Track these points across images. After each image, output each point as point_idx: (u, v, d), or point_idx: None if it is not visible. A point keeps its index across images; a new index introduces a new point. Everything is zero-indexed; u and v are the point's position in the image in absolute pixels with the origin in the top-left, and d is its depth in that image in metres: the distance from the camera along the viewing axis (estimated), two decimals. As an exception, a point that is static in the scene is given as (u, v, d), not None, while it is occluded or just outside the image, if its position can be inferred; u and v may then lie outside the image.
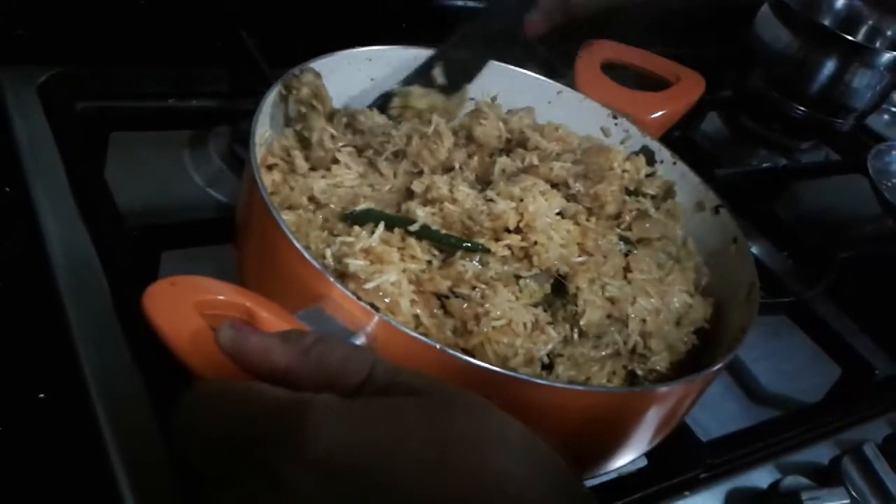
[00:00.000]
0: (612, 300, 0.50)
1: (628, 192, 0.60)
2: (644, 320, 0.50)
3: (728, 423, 0.68)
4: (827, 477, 0.64)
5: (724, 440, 0.65)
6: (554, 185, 0.56)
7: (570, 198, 0.56)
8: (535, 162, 0.58)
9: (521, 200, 0.52)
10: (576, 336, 0.49)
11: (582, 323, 0.49)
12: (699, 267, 0.57)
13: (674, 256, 0.58)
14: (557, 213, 0.53)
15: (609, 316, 0.50)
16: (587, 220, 0.55)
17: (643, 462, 0.58)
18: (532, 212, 0.51)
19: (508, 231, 0.51)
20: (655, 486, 0.58)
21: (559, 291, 0.51)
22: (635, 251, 0.55)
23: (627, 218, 0.57)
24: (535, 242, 0.50)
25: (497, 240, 0.50)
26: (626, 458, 0.51)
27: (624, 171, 0.59)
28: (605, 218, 0.57)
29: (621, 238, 0.56)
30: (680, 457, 0.60)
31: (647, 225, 0.57)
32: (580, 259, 0.52)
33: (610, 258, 0.53)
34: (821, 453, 0.66)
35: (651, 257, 0.55)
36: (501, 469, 0.29)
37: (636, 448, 0.50)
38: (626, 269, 0.53)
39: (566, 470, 0.31)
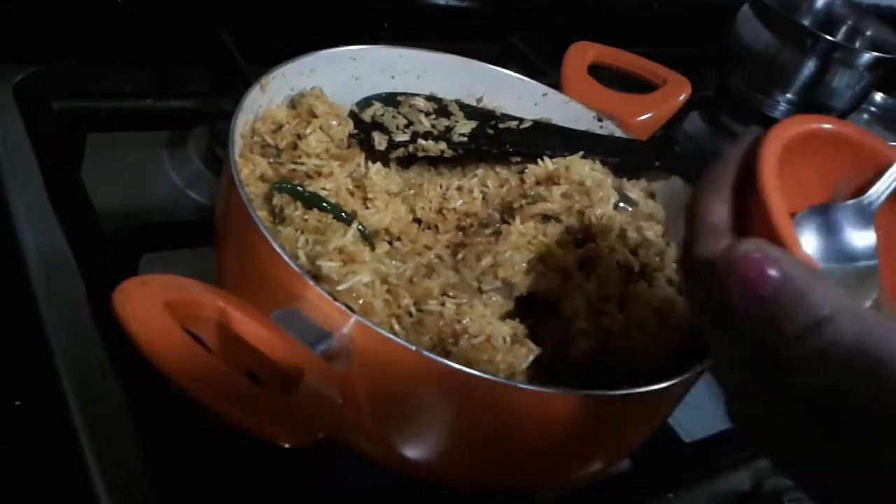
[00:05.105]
0: (605, 330, 0.49)
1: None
2: (634, 355, 0.49)
3: (711, 425, 0.68)
4: (809, 477, 0.64)
5: (706, 442, 0.65)
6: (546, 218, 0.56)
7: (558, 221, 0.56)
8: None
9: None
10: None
11: (571, 351, 0.48)
12: None
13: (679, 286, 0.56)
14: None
15: (599, 345, 0.49)
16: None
17: (627, 464, 0.58)
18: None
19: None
20: (639, 488, 0.58)
21: (553, 312, 0.51)
22: (636, 281, 0.54)
23: (632, 243, 0.57)
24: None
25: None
26: (610, 462, 0.51)
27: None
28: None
29: (624, 264, 0.54)
30: (663, 459, 0.60)
31: (651, 252, 0.56)
32: (575, 282, 0.51)
33: (607, 285, 0.52)
34: (802, 454, 0.67)
35: (655, 286, 0.54)
36: None
37: (618, 451, 0.50)
38: (624, 299, 0.52)
39: None
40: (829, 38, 0.97)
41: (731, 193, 0.35)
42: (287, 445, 0.33)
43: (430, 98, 0.65)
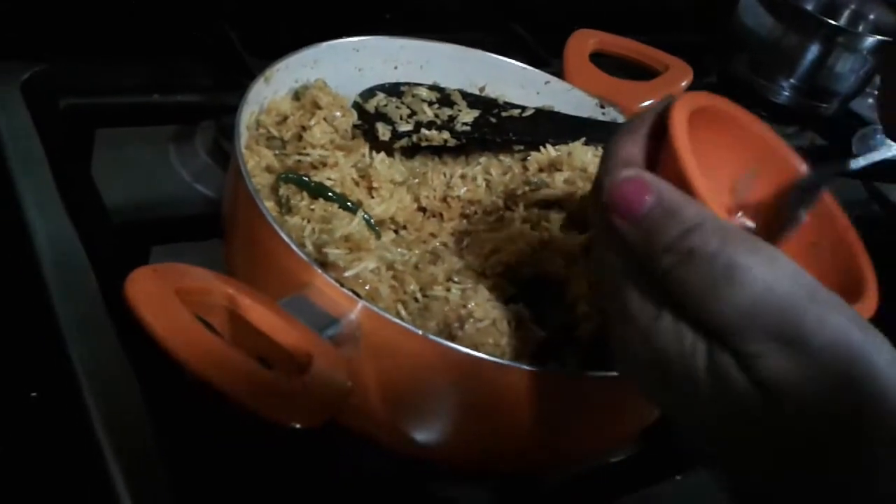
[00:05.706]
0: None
1: None
2: None
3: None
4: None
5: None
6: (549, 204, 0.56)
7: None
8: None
9: None
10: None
11: (576, 334, 0.48)
12: None
13: None
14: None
15: (604, 328, 0.49)
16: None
17: (634, 446, 0.58)
18: None
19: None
20: (646, 470, 0.58)
21: (557, 296, 0.51)
22: None
23: None
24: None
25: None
26: (617, 444, 0.51)
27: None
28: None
29: None
30: (671, 439, 0.60)
31: None
32: (578, 266, 0.51)
33: None
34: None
35: None
36: None
37: (625, 433, 0.50)
38: None
39: None
40: (832, 22, 0.97)
41: (646, 141, 0.36)
42: (298, 426, 0.34)
43: (433, 88, 0.65)
